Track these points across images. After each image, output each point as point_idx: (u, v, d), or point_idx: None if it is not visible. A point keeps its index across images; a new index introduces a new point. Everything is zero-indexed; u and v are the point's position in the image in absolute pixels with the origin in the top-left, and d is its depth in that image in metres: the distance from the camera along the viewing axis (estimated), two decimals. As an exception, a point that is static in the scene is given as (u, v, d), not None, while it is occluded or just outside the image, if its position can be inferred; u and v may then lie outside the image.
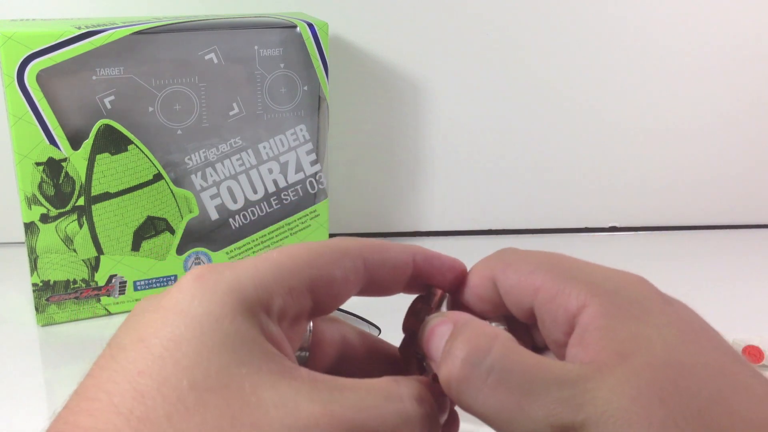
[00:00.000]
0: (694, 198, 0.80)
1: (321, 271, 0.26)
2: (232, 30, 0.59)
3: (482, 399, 0.24)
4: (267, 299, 0.24)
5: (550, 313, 0.26)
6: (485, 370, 0.24)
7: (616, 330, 0.24)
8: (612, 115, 0.77)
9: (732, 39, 0.75)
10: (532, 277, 0.27)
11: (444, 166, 0.77)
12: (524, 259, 0.28)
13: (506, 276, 0.28)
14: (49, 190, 0.57)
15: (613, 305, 0.25)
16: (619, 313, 0.24)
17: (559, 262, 0.27)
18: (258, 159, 0.63)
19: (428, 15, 0.72)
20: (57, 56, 0.54)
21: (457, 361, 0.24)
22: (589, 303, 0.25)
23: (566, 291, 0.25)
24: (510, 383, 0.23)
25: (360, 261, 0.27)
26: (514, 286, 0.27)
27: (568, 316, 0.25)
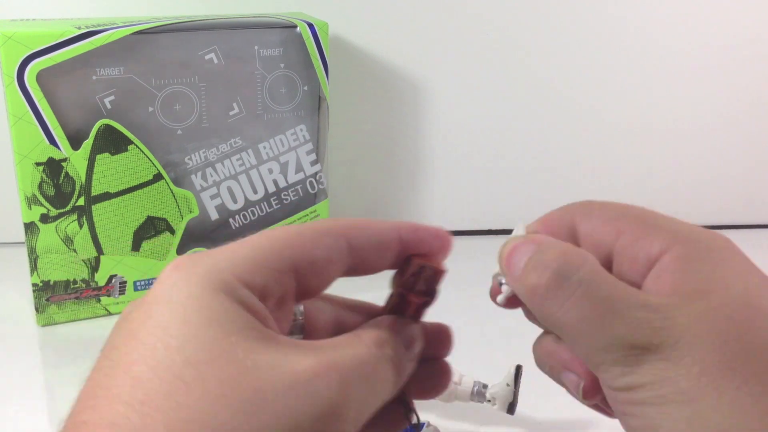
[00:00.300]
0: (694, 198, 0.80)
1: (302, 251, 0.25)
2: (232, 30, 0.59)
3: (567, 308, 0.25)
4: (247, 278, 0.24)
5: (630, 255, 0.27)
6: (575, 281, 0.25)
7: (696, 271, 0.25)
8: (612, 115, 0.77)
9: (732, 39, 0.75)
10: (616, 222, 0.28)
11: (444, 166, 0.77)
12: (608, 207, 0.29)
13: (590, 219, 0.29)
14: (49, 190, 0.57)
15: (694, 250, 0.26)
16: (699, 257, 0.26)
17: (643, 211, 0.29)
18: (258, 159, 0.63)
19: (428, 15, 0.72)
20: (57, 56, 0.54)
21: (548, 272, 0.26)
22: (670, 247, 0.26)
23: (650, 235, 0.27)
24: (596, 298, 0.25)
25: (343, 240, 0.26)
26: (596, 229, 0.28)
27: (648, 258, 0.26)
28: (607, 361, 0.25)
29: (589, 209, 0.30)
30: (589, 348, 0.25)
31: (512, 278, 0.28)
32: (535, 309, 0.27)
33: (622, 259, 0.27)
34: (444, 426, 0.46)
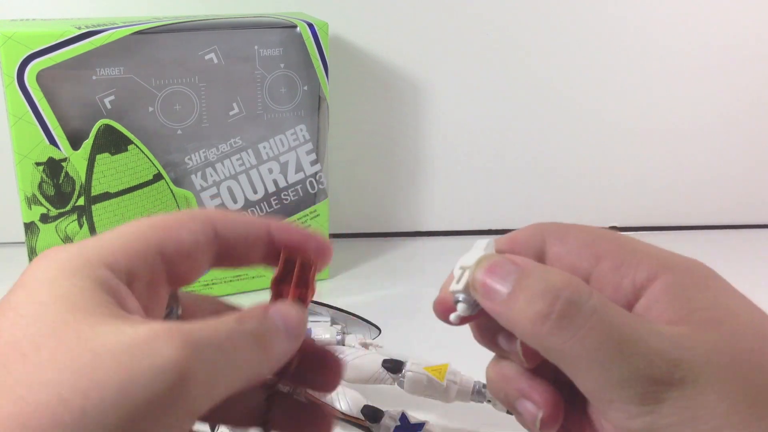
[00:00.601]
0: (694, 198, 0.81)
1: (167, 233, 0.25)
2: (232, 30, 0.59)
3: (578, 338, 0.23)
4: (111, 260, 0.24)
5: (612, 282, 0.25)
6: (588, 310, 0.23)
7: (694, 299, 0.24)
8: (612, 115, 0.77)
9: (732, 39, 0.75)
10: (594, 246, 0.26)
11: (444, 166, 0.77)
12: (582, 230, 0.27)
13: (564, 241, 0.27)
14: (49, 190, 0.57)
15: (684, 278, 0.25)
16: (691, 285, 0.24)
17: (620, 237, 0.27)
18: (258, 159, 0.63)
19: (428, 15, 0.72)
20: (57, 56, 0.54)
21: (558, 300, 0.24)
22: (659, 275, 0.25)
23: (633, 261, 0.25)
24: (612, 327, 0.23)
25: (209, 225, 0.26)
26: (571, 252, 0.27)
27: (634, 286, 0.25)
28: (623, 398, 0.23)
29: (563, 231, 0.28)
30: (602, 383, 0.23)
31: (494, 302, 0.25)
32: (535, 338, 0.24)
33: (603, 285, 0.26)
34: (444, 426, 0.46)
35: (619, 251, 0.26)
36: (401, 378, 0.46)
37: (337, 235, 0.77)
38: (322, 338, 0.49)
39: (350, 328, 0.52)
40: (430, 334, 0.56)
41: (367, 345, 0.49)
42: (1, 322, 0.22)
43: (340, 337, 0.49)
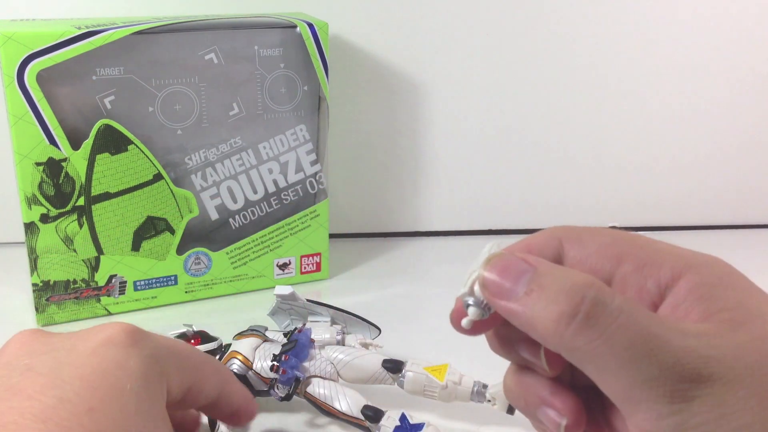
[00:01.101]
0: (694, 198, 0.81)
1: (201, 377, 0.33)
2: (232, 30, 0.59)
3: (607, 337, 0.22)
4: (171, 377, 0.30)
5: (636, 284, 0.25)
6: (615, 309, 0.23)
7: (720, 298, 0.24)
8: (612, 115, 0.77)
9: (733, 40, 0.75)
10: (614, 248, 0.26)
11: (444, 166, 0.77)
12: (599, 232, 0.27)
13: (581, 245, 0.27)
14: (49, 190, 0.57)
15: (708, 277, 0.24)
16: (716, 284, 0.24)
17: (638, 237, 0.27)
18: (258, 159, 0.63)
19: (428, 15, 0.72)
20: (57, 56, 0.54)
21: (586, 299, 0.23)
22: (684, 274, 0.24)
23: (656, 262, 0.25)
24: (639, 325, 0.22)
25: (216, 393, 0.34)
26: (591, 254, 0.26)
27: (659, 287, 0.25)
28: (652, 398, 0.22)
29: (580, 233, 0.27)
30: (630, 383, 0.22)
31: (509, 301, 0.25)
32: (559, 340, 0.23)
33: (626, 287, 0.25)
34: (444, 426, 0.46)
35: (640, 252, 0.26)
36: (401, 378, 0.46)
37: (337, 235, 0.77)
38: (322, 338, 0.49)
39: (350, 328, 0.52)
40: (430, 334, 0.56)
41: (367, 345, 0.49)
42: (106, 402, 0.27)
43: (340, 337, 0.49)
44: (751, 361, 0.22)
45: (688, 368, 0.22)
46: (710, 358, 0.22)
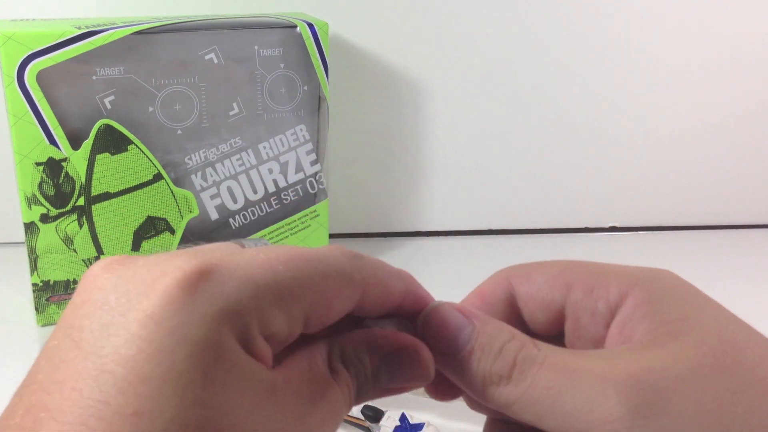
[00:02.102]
0: (694, 198, 0.81)
1: (322, 299, 0.23)
2: (232, 30, 0.59)
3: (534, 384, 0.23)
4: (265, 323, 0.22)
5: (588, 308, 0.26)
6: (539, 358, 0.24)
7: (664, 312, 0.24)
8: (612, 115, 0.77)
9: (731, 40, 0.75)
10: (563, 276, 0.26)
11: (444, 166, 0.77)
12: (546, 265, 0.28)
13: (530, 280, 0.27)
14: (49, 190, 0.57)
15: (656, 291, 0.25)
16: (664, 298, 0.25)
17: (584, 263, 0.27)
18: (258, 159, 0.63)
19: (428, 15, 0.72)
20: (57, 56, 0.54)
21: (516, 361, 0.24)
22: (630, 292, 0.25)
23: (604, 283, 0.25)
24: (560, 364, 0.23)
25: (359, 290, 0.25)
26: (541, 288, 0.27)
27: (609, 307, 0.25)
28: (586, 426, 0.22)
29: (527, 271, 0.28)
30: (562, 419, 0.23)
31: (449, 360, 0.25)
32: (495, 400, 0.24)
33: (579, 313, 0.26)
34: (444, 426, 0.46)
35: (587, 277, 0.26)
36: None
37: (337, 235, 0.77)
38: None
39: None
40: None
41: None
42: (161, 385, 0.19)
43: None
44: (684, 374, 0.22)
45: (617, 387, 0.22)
46: (639, 373, 0.22)
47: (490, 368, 0.24)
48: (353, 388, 0.25)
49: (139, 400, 0.19)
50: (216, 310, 0.20)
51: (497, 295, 0.28)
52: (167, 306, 0.20)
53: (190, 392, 0.19)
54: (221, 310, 0.20)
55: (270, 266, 0.22)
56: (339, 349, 0.25)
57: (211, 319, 0.20)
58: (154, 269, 0.21)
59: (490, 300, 0.28)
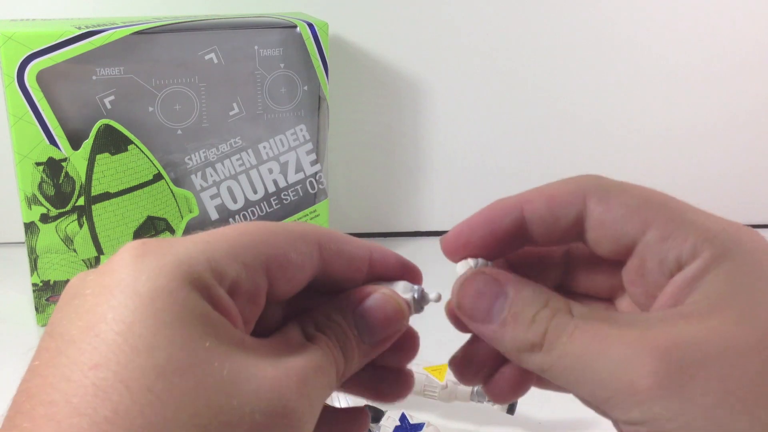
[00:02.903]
0: (694, 198, 0.80)
1: (277, 251, 0.24)
2: (232, 30, 0.59)
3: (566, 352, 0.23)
4: (219, 271, 0.22)
5: (657, 255, 0.25)
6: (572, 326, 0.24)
7: (721, 282, 0.23)
8: (612, 115, 0.77)
9: (731, 39, 0.75)
10: (643, 212, 0.25)
11: (444, 166, 0.77)
12: (628, 191, 0.26)
13: (609, 204, 0.26)
14: (49, 190, 0.57)
15: (726, 257, 0.24)
16: (730, 266, 0.23)
17: (668, 199, 0.26)
18: (258, 159, 0.63)
19: (428, 15, 0.72)
20: (57, 56, 0.54)
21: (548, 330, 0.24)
22: (702, 250, 0.24)
23: (682, 233, 0.24)
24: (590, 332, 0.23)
25: (316, 247, 0.25)
26: (617, 218, 0.25)
27: (678, 261, 0.24)
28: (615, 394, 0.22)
29: (607, 191, 0.26)
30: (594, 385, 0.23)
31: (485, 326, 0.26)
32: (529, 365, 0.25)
33: (648, 256, 0.25)
34: (444, 426, 0.46)
35: (667, 221, 0.25)
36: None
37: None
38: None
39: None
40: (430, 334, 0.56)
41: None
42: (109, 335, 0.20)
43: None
44: (717, 346, 0.22)
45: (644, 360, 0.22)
46: (669, 346, 0.22)
47: (523, 336, 0.24)
48: (335, 348, 0.25)
49: (93, 354, 0.19)
50: (164, 263, 0.21)
51: (567, 209, 0.26)
52: (118, 271, 0.21)
53: (142, 340, 0.19)
54: (169, 263, 0.21)
55: (219, 230, 0.23)
56: (311, 320, 0.26)
57: (159, 271, 0.21)
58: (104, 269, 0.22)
59: (558, 211, 0.26)
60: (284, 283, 0.24)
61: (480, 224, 0.28)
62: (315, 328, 0.25)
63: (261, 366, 0.21)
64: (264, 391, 0.21)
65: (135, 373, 0.19)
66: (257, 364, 0.21)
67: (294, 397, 0.21)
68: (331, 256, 0.26)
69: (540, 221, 0.27)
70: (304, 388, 0.22)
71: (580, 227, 0.26)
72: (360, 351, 0.26)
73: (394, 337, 0.27)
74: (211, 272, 0.22)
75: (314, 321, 0.25)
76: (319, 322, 0.25)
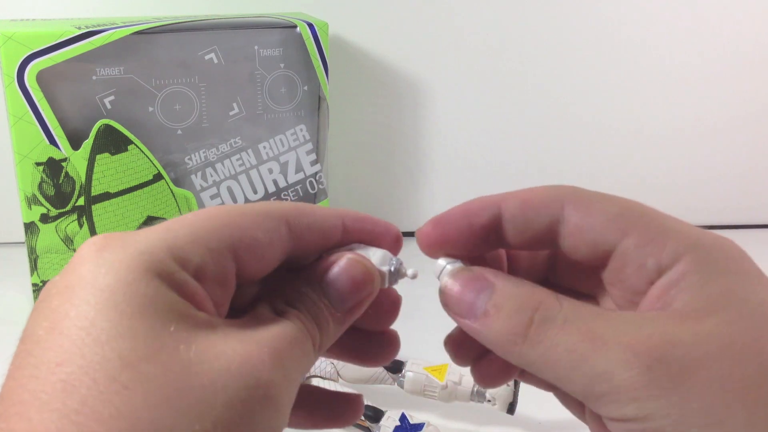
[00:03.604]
0: (694, 198, 0.80)
1: (242, 232, 0.24)
2: (232, 30, 0.59)
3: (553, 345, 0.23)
4: (183, 256, 0.22)
5: (637, 261, 0.25)
6: (560, 319, 0.24)
7: (710, 285, 0.23)
8: (612, 115, 0.77)
9: (731, 39, 0.75)
10: (622, 220, 0.25)
11: (444, 166, 0.77)
12: (606, 200, 0.26)
13: (588, 211, 0.26)
14: (49, 190, 0.57)
15: (709, 261, 0.24)
16: (715, 270, 0.24)
17: (646, 209, 0.26)
18: (258, 159, 0.63)
19: (428, 15, 0.72)
20: (57, 56, 0.54)
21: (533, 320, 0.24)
22: (683, 256, 0.24)
23: (661, 240, 0.24)
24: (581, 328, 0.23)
25: (284, 224, 0.25)
26: (595, 224, 0.26)
27: (658, 266, 0.24)
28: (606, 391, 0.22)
29: (585, 199, 0.26)
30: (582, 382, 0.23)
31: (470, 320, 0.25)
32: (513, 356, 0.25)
33: (627, 262, 0.25)
34: (444, 426, 0.46)
35: (646, 229, 0.25)
36: (401, 378, 0.46)
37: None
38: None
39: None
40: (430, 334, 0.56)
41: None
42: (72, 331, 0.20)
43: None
44: (713, 346, 0.22)
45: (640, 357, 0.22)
46: (665, 346, 0.22)
47: (506, 328, 0.24)
48: (308, 320, 0.24)
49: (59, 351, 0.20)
50: (124, 256, 0.21)
51: (543, 214, 0.27)
52: (79, 268, 0.21)
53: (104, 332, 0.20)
54: (129, 254, 0.21)
55: (182, 216, 0.24)
56: (282, 296, 0.25)
57: (119, 264, 0.21)
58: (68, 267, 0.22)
59: (532, 216, 0.27)
60: (254, 263, 0.24)
61: (457, 217, 0.29)
62: (285, 303, 0.25)
63: (230, 343, 0.21)
64: (235, 367, 0.21)
65: (100, 365, 0.19)
66: (226, 342, 0.21)
67: (267, 368, 0.21)
68: (302, 230, 0.26)
69: (512, 222, 0.27)
70: (277, 359, 0.22)
71: (554, 234, 0.26)
72: (334, 320, 0.25)
73: (366, 301, 0.26)
74: (173, 259, 0.22)
75: (284, 297, 0.25)
76: (288, 296, 0.25)
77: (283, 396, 0.22)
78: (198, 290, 0.22)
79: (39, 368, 0.20)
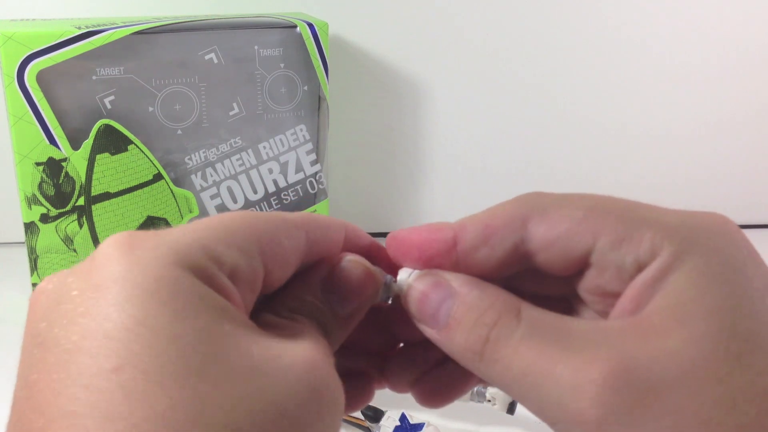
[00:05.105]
0: (694, 198, 0.80)
1: (269, 237, 0.23)
2: (232, 30, 0.59)
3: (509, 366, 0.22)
4: (217, 258, 0.21)
5: (614, 262, 0.22)
6: (517, 338, 0.22)
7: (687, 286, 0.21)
8: (611, 115, 0.77)
9: (732, 39, 0.75)
10: (590, 222, 0.23)
11: (444, 166, 0.77)
12: (570, 202, 0.24)
13: (551, 222, 0.23)
14: (49, 190, 0.57)
15: (691, 253, 0.21)
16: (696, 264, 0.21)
17: (616, 202, 0.24)
18: (258, 159, 0.63)
19: (428, 15, 0.72)
20: (57, 56, 0.54)
21: (489, 338, 0.22)
22: (661, 250, 0.22)
23: (637, 234, 0.22)
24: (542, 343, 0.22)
25: (303, 233, 0.24)
26: (561, 234, 0.23)
27: (637, 264, 0.22)
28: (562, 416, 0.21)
29: (548, 209, 0.24)
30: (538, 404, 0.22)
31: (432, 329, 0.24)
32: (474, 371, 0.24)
33: (604, 266, 0.23)
34: (444, 426, 0.46)
35: (618, 224, 0.23)
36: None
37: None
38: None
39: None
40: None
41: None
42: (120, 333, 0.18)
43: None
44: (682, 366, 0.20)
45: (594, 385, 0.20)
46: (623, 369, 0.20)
47: (464, 343, 0.23)
48: (315, 327, 0.24)
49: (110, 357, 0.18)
50: (158, 254, 0.20)
51: (505, 238, 0.24)
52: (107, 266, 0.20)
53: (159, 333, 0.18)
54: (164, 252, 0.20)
55: (210, 217, 0.22)
56: (280, 303, 0.25)
57: (155, 262, 0.20)
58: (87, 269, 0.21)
59: (494, 242, 0.24)
60: (278, 269, 0.23)
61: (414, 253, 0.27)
62: (289, 311, 0.24)
63: (282, 345, 0.21)
64: (299, 367, 0.20)
65: (164, 369, 0.18)
66: (278, 343, 0.21)
67: (327, 368, 0.21)
68: (316, 239, 0.25)
69: (472, 253, 0.25)
70: (329, 361, 0.21)
71: (522, 254, 0.24)
72: (338, 324, 0.25)
73: (367, 302, 0.26)
74: (209, 259, 0.21)
75: (285, 304, 0.24)
76: (290, 304, 0.25)
77: (341, 396, 0.21)
78: (235, 292, 0.21)
79: (88, 377, 0.18)
